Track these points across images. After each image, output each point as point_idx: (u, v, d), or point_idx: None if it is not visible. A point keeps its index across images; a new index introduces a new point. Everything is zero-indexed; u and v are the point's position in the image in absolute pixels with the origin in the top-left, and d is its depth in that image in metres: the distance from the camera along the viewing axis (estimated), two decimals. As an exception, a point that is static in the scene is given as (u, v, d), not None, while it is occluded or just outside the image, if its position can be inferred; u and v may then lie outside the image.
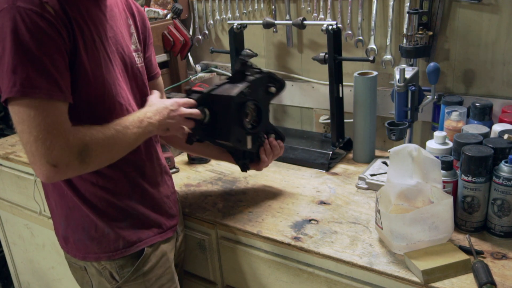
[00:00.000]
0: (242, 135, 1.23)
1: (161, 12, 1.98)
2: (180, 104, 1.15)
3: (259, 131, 1.28)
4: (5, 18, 0.90)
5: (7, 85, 0.90)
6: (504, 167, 1.09)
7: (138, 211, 1.17)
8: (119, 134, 1.02)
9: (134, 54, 1.17)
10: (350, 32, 1.66)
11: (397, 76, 1.40)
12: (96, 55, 1.03)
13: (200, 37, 2.06)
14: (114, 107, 1.08)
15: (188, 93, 1.23)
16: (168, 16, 1.96)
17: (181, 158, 1.75)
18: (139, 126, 1.06)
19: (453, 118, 1.36)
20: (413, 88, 1.40)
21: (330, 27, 1.52)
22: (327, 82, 1.61)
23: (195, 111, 1.16)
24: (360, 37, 1.65)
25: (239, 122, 1.20)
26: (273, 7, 1.81)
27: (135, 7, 1.24)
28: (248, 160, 1.34)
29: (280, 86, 1.32)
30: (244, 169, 1.35)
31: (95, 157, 0.98)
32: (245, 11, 1.90)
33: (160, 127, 1.11)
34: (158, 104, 1.13)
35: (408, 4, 1.51)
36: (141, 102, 1.19)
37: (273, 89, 1.29)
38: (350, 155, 1.66)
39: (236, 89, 1.18)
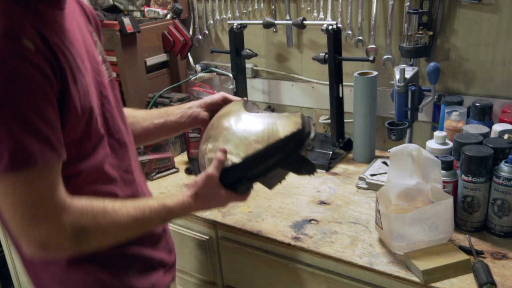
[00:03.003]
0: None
1: (161, 12, 1.98)
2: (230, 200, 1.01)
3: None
4: None
5: None
6: (504, 167, 1.09)
7: (143, 253, 1.03)
8: (133, 219, 0.88)
9: (102, 67, 0.97)
10: (350, 32, 1.66)
11: (397, 76, 1.40)
12: (83, 82, 0.84)
13: (200, 37, 2.05)
14: (100, 140, 0.90)
15: (242, 186, 1.00)
16: (168, 16, 1.96)
17: (181, 158, 1.74)
18: (164, 218, 0.95)
19: (453, 118, 1.36)
20: (413, 88, 1.40)
21: (330, 27, 1.52)
22: (327, 82, 1.61)
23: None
24: (360, 37, 1.65)
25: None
26: (273, 7, 1.81)
27: (86, 6, 1.02)
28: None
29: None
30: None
31: (94, 242, 0.85)
32: (245, 11, 1.90)
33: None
34: (209, 201, 0.99)
35: (408, 4, 1.51)
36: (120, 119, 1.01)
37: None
38: (350, 155, 1.66)
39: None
